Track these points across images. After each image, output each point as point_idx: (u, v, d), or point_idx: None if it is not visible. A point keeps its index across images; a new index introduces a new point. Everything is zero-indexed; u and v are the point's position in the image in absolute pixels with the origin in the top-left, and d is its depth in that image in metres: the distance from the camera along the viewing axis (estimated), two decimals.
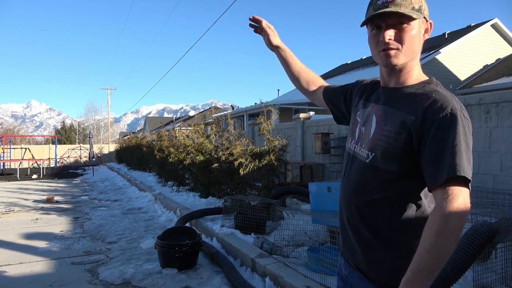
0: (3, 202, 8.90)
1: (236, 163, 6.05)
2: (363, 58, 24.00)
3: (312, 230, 4.31)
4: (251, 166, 5.92)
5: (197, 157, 7.36)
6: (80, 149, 26.93)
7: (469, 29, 17.57)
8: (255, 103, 18.68)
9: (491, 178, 4.99)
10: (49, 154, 23.52)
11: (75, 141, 46.26)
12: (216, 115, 10.36)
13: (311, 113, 10.03)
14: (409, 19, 1.11)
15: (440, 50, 15.48)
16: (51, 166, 22.09)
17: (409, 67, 1.18)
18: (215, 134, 7.82)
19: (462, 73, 16.31)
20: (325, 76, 23.65)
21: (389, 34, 1.13)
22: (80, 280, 3.72)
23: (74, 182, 14.25)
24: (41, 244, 5.05)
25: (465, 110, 1.09)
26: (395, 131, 1.12)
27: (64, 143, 40.74)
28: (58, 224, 6.34)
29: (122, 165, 20.02)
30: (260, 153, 6.07)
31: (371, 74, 15.79)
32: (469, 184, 1.01)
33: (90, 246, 4.94)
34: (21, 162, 20.15)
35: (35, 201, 9.10)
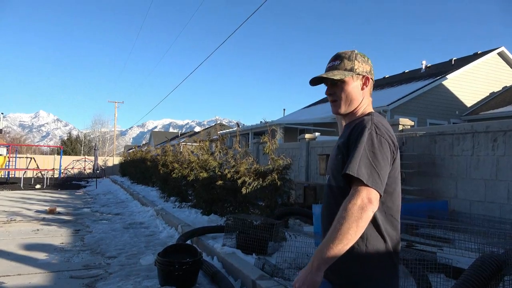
0: (5, 211, 8.90)
1: (239, 181, 6.03)
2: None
3: None
4: (254, 185, 5.89)
5: (201, 174, 7.35)
6: (85, 160, 27.02)
7: (475, 56, 17.68)
8: (260, 122, 18.72)
9: (498, 207, 4.92)
10: (54, 165, 23.60)
11: (80, 153, 46.52)
12: (221, 132, 10.40)
13: (317, 134, 10.03)
14: (340, 80, 1.44)
15: (447, 76, 15.55)
16: (55, 176, 22.16)
17: (355, 110, 1.48)
18: (220, 152, 7.83)
19: (469, 99, 16.32)
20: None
21: (329, 90, 1.49)
22: None
23: (76, 193, 14.25)
24: (40, 255, 5.01)
25: (382, 129, 1.36)
26: (335, 154, 1.46)
27: (70, 154, 40.94)
28: (59, 236, 6.30)
29: (125, 179, 20.01)
30: (264, 172, 6.05)
31: (386, 94, 15.77)
32: (370, 183, 1.24)
33: (90, 260, 4.89)
34: (25, 171, 20.24)
35: (37, 211, 9.10)
